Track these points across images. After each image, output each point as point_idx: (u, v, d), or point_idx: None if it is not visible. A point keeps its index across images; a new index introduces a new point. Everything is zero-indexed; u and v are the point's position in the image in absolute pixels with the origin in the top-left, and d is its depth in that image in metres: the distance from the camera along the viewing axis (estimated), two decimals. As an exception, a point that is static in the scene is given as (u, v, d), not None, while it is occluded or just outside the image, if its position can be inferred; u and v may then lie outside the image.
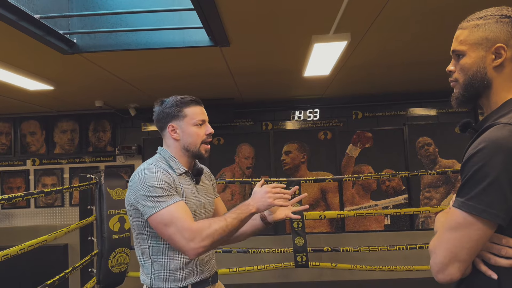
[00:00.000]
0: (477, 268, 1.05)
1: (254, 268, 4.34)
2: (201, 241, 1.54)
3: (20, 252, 2.62)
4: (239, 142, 5.70)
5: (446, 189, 5.45)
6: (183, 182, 1.73)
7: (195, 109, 1.77)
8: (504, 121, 1.01)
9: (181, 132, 1.75)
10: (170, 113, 1.75)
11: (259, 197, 1.65)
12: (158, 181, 1.60)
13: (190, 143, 1.75)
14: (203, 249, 1.56)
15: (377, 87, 5.20)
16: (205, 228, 1.56)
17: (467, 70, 1.12)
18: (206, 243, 1.55)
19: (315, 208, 5.51)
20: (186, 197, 1.70)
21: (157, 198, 1.58)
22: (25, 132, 5.85)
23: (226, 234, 1.59)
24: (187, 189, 1.73)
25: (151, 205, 1.58)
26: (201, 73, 4.01)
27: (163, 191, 1.59)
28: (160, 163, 1.72)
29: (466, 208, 0.99)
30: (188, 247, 1.55)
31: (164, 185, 1.61)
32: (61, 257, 5.31)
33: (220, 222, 1.59)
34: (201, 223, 1.59)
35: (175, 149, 1.77)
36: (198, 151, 1.76)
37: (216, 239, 1.57)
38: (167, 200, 1.58)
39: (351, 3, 2.36)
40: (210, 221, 1.60)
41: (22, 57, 3.26)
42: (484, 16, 1.10)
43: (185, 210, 1.60)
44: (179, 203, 1.60)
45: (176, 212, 1.57)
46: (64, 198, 5.80)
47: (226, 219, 1.60)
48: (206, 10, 2.40)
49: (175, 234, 1.55)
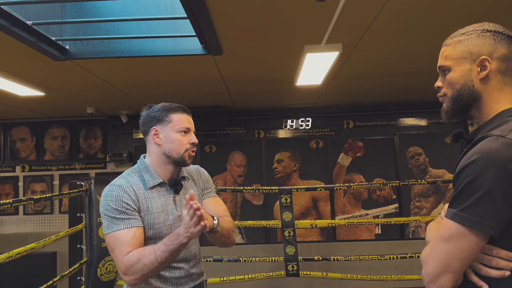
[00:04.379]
0: (468, 279, 1.06)
1: (245, 277, 4.31)
2: (131, 274, 1.56)
3: (8, 260, 2.57)
4: (231, 150, 5.70)
5: (436, 199, 5.49)
6: (154, 195, 1.69)
7: (181, 116, 1.74)
8: (496, 133, 1.02)
9: (163, 137, 1.71)
10: (156, 116, 1.73)
11: (186, 227, 1.49)
12: (117, 202, 1.61)
13: (172, 149, 1.70)
14: (135, 281, 1.57)
15: (368, 97, 5.24)
16: (134, 264, 1.54)
17: (454, 84, 1.14)
18: (136, 277, 1.56)
19: (306, 216, 5.51)
20: (153, 213, 1.67)
21: (112, 219, 1.61)
22: (15, 138, 5.79)
23: (156, 268, 1.55)
24: (156, 204, 1.68)
25: (106, 224, 1.63)
26: (194, 81, 4.01)
27: (118, 213, 1.60)
28: (131, 176, 1.71)
29: (458, 219, 1.00)
30: (123, 278, 1.59)
31: (122, 206, 1.61)
32: (50, 265, 5.24)
33: (150, 256, 1.54)
34: (132, 256, 1.55)
35: (155, 155, 1.74)
36: (181, 157, 1.71)
37: (147, 273, 1.55)
38: (120, 223, 1.59)
39: (343, 15, 2.39)
40: (140, 255, 1.55)
41: (13, 62, 3.24)
42: (466, 32, 1.14)
43: (130, 239, 1.58)
44: (129, 229, 1.59)
45: (121, 239, 1.58)
46: (53, 205, 5.73)
47: (156, 252, 1.54)
48: (199, 19, 2.40)
49: (115, 261, 1.61)
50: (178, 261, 1.71)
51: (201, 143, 5.40)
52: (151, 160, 1.74)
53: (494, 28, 1.11)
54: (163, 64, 3.40)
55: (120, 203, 1.60)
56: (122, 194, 1.62)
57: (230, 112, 5.62)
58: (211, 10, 2.34)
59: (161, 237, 1.63)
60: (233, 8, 2.36)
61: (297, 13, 2.44)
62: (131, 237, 1.58)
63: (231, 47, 3.01)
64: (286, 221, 4.18)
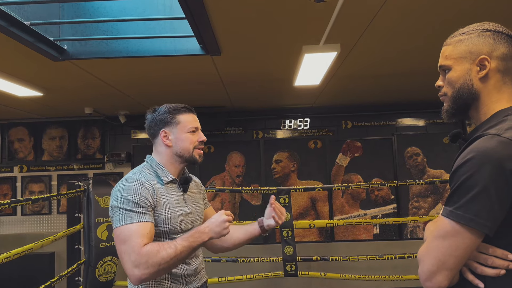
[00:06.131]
0: (464, 277, 1.06)
1: (244, 277, 4.32)
2: (145, 268, 1.48)
3: (6, 260, 2.57)
4: (230, 150, 5.70)
5: (434, 199, 5.50)
6: (168, 191, 1.70)
7: (188, 116, 1.78)
8: (492, 132, 1.03)
9: (173, 138, 1.74)
10: (163, 119, 1.75)
11: (216, 225, 1.57)
12: (134, 195, 1.58)
13: (184, 149, 1.75)
14: (147, 276, 1.50)
15: (366, 97, 5.25)
16: (152, 255, 1.49)
17: (454, 83, 1.14)
18: (150, 271, 1.49)
19: (304, 217, 5.51)
20: (169, 207, 1.67)
21: (126, 212, 1.56)
22: (12, 138, 5.78)
23: (173, 262, 1.52)
24: (171, 199, 1.70)
25: (119, 217, 1.57)
26: (192, 81, 4.01)
27: (135, 206, 1.56)
28: (145, 172, 1.70)
29: (454, 217, 1.00)
30: (131, 272, 1.50)
31: (140, 200, 1.58)
32: (48, 266, 5.23)
33: (170, 249, 1.50)
34: (151, 247, 1.50)
35: (166, 156, 1.76)
36: (192, 156, 1.76)
37: (163, 268, 1.50)
38: (134, 217, 1.55)
39: (341, 15, 2.40)
40: (160, 247, 1.51)
41: (11, 63, 3.23)
42: (466, 31, 1.14)
43: (146, 232, 1.54)
44: (145, 223, 1.55)
45: (136, 232, 1.52)
46: (51, 205, 5.72)
47: (176, 247, 1.51)
48: (198, 19, 2.41)
49: (125, 254, 1.52)
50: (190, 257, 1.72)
51: (199, 143, 5.39)
52: (162, 160, 1.76)
53: (494, 27, 1.12)
54: (161, 64, 3.40)
55: (139, 196, 1.58)
56: (141, 188, 1.61)
57: (229, 112, 5.62)
58: (209, 11, 2.34)
59: (176, 232, 1.66)
60: (231, 8, 2.37)
61: (295, 13, 2.45)
62: (148, 230, 1.55)
63: (229, 48, 3.01)
64: (284, 221, 4.18)
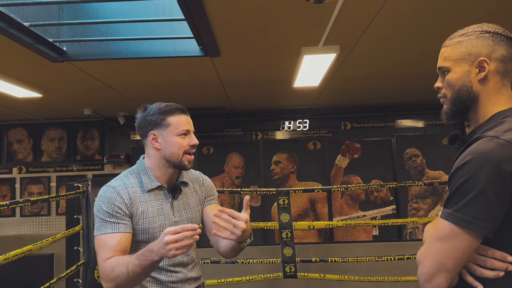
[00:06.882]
0: (463, 279, 1.06)
1: (243, 279, 4.31)
2: (107, 281, 1.51)
3: (5, 262, 2.56)
4: (229, 152, 5.69)
5: (433, 200, 5.50)
6: (150, 199, 1.65)
7: (179, 118, 1.66)
8: (491, 134, 1.03)
9: (162, 142, 1.65)
10: (153, 121, 1.65)
11: (160, 246, 1.38)
12: (108, 204, 1.58)
13: (172, 154, 1.65)
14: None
15: (365, 99, 5.26)
16: (108, 271, 1.50)
17: (453, 85, 1.14)
18: (112, 285, 1.50)
19: (304, 218, 5.51)
20: (148, 217, 1.63)
21: (101, 221, 1.58)
22: (11, 139, 5.77)
23: (128, 280, 1.48)
24: (152, 207, 1.64)
25: (96, 225, 1.59)
26: (191, 82, 4.01)
27: (108, 215, 1.57)
28: (129, 178, 1.68)
29: (453, 219, 1.00)
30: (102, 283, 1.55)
31: (112, 209, 1.57)
32: (46, 267, 5.22)
33: (122, 267, 1.46)
34: (108, 263, 1.50)
35: (155, 159, 1.68)
36: (181, 162, 1.66)
37: (121, 283, 1.48)
38: (108, 227, 1.56)
39: (340, 17, 2.40)
40: (115, 264, 1.49)
41: (10, 64, 3.23)
42: (465, 33, 1.14)
43: (114, 245, 1.54)
44: (115, 234, 1.55)
45: (104, 244, 1.55)
46: (50, 207, 5.71)
47: (128, 266, 1.46)
48: (197, 21, 2.41)
49: (98, 264, 1.56)
50: (175, 265, 1.68)
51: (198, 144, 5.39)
52: (150, 163, 1.69)
53: (493, 29, 1.12)
54: (161, 66, 3.40)
55: (112, 206, 1.57)
56: (115, 197, 1.59)
57: (228, 113, 5.62)
58: (208, 12, 2.34)
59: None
60: (230, 10, 2.37)
61: (294, 15, 2.45)
62: (117, 242, 1.54)
63: (228, 49, 3.01)
64: (283, 222, 4.18)
